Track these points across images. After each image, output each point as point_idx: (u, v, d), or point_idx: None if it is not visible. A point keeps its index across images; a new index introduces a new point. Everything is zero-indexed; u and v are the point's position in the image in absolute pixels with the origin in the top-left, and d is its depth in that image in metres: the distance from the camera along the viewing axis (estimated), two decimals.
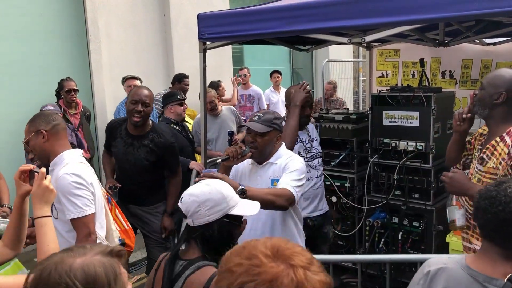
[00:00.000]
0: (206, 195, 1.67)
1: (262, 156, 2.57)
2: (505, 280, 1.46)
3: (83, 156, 2.49)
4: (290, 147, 2.85)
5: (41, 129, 2.32)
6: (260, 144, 2.52)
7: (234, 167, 2.65)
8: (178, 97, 4.34)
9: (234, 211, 1.71)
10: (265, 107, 7.15)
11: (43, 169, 1.89)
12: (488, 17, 2.79)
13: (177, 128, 4.30)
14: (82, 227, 2.25)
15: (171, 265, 1.68)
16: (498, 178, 1.67)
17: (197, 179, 2.05)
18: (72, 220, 2.26)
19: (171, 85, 6.06)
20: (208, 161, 3.85)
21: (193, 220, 1.68)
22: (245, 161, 2.64)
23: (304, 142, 3.20)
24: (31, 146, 2.34)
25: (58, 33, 5.41)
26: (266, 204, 2.27)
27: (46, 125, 2.33)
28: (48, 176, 1.91)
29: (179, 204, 1.73)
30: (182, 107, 4.30)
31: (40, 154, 2.36)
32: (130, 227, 2.76)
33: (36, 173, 1.90)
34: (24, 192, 1.95)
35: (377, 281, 3.72)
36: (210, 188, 1.70)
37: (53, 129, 2.34)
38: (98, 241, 2.37)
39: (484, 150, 2.37)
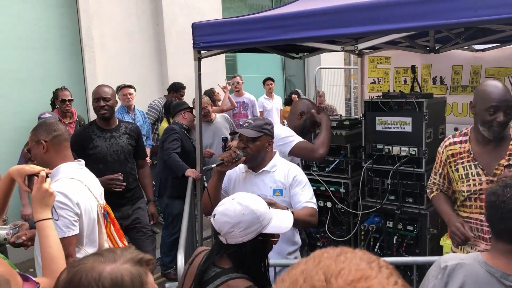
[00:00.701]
0: (239, 216, 1.64)
1: (255, 162, 2.60)
2: None
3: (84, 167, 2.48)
4: (326, 153, 3.18)
5: (41, 140, 2.32)
6: (252, 149, 2.55)
7: (227, 175, 2.66)
8: (187, 106, 4.69)
9: (268, 229, 1.69)
10: (258, 114, 7.22)
11: (43, 173, 1.90)
12: (476, 25, 2.86)
13: (187, 134, 4.50)
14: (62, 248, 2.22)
15: (205, 270, 1.69)
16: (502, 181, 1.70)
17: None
18: None
19: (166, 93, 6.11)
20: (204, 168, 3.89)
21: (227, 239, 1.67)
22: (237, 168, 2.68)
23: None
24: (33, 155, 2.36)
25: (52, 42, 5.44)
26: (304, 224, 2.53)
27: (47, 135, 2.33)
28: (48, 179, 1.92)
29: (212, 221, 1.70)
30: (193, 115, 4.53)
31: (40, 164, 2.34)
32: (126, 244, 2.71)
33: (35, 177, 1.91)
34: (13, 179, 1.97)
35: None
36: (243, 208, 1.66)
37: (54, 140, 2.34)
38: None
39: (507, 158, 2.38)
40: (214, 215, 1.71)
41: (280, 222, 1.77)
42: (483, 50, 4.90)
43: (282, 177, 2.60)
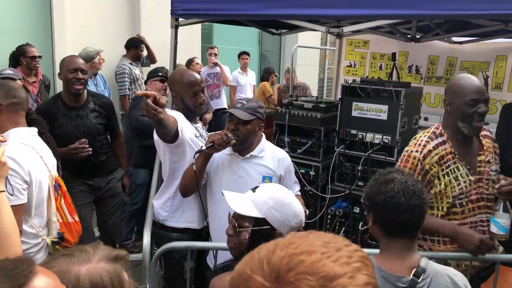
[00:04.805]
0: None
1: (243, 145, 2.49)
2: (411, 276, 1.54)
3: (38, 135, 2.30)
4: None
5: None
6: (242, 132, 2.42)
7: None
8: (160, 73, 4.42)
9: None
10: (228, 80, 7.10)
11: None
12: (464, 18, 2.84)
13: None
14: None
15: None
16: (385, 175, 1.70)
17: None
18: None
19: (124, 53, 5.90)
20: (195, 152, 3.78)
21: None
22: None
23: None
24: None
25: None
26: None
27: (4, 99, 2.15)
28: (1, 148, 1.77)
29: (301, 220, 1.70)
30: (162, 84, 4.34)
31: None
32: (76, 220, 2.52)
33: None
34: None
35: None
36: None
37: (10, 106, 2.16)
38: (31, 230, 2.18)
39: (486, 154, 2.41)
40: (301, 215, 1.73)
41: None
42: (460, 42, 4.93)
43: (271, 164, 2.52)
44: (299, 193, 2.73)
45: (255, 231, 1.62)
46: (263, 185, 1.76)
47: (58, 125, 3.25)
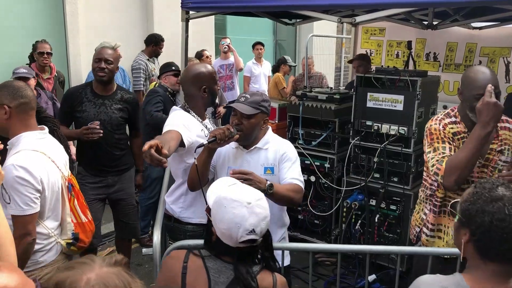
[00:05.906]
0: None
1: (248, 140, 2.44)
2: None
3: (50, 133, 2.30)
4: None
5: (4, 104, 2.10)
6: (246, 126, 2.38)
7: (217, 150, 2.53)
8: (173, 68, 4.41)
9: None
10: (241, 64, 7.00)
11: None
12: (483, 4, 2.74)
13: (171, 98, 4.34)
14: (20, 226, 2.06)
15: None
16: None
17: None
18: (12, 215, 2.07)
19: (143, 48, 5.89)
20: (196, 147, 3.76)
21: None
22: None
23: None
24: None
25: None
26: (286, 200, 2.35)
27: (11, 100, 2.10)
28: None
29: (253, 236, 1.66)
30: (176, 78, 4.32)
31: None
32: (90, 219, 2.51)
33: None
34: None
35: (351, 262, 3.76)
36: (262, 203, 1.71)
37: (19, 108, 2.12)
38: (43, 230, 2.19)
39: (500, 144, 2.40)
40: (253, 230, 1.67)
41: None
42: (480, 28, 4.78)
43: (273, 155, 2.46)
44: (294, 181, 2.43)
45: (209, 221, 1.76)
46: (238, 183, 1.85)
47: (82, 109, 3.30)
